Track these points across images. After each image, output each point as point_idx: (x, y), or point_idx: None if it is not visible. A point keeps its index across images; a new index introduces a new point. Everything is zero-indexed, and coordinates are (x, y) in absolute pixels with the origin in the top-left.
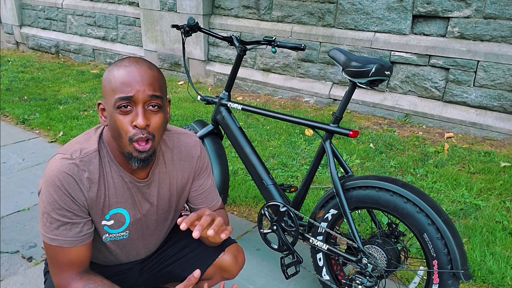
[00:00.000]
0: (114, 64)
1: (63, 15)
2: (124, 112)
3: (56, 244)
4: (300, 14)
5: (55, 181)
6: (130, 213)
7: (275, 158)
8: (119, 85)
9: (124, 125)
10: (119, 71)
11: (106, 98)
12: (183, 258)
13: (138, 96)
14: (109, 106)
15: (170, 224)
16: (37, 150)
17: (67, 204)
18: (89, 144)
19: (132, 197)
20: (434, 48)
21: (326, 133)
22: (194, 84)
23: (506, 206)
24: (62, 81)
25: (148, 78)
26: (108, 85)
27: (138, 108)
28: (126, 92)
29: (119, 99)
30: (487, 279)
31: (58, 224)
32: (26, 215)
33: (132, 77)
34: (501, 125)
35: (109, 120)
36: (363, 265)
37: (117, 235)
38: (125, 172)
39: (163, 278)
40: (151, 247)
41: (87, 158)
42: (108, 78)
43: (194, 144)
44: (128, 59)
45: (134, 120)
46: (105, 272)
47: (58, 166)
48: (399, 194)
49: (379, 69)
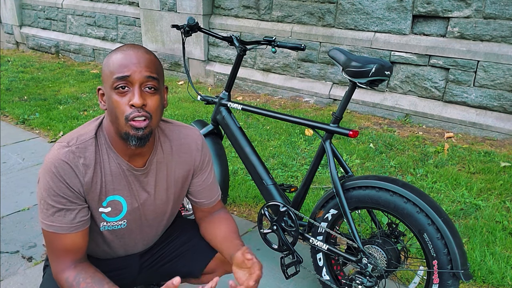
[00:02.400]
0: (113, 50)
1: (63, 15)
2: (121, 93)
3: (52, 230)
4: (300, 14)
5: (51, 168)
6: (127, 201)
7: (275, 158)
8: (116, 67)
9: (121, 105)
10: (117, 55)
11: (104, 81)
12: (183, 254)
13: (135, 76)
14: (107, 89)
15: (169, 218)
16: (37, 150)
17: (62, 190)
18: (86, 131)
19: (129, 185)
20: (434, 48)
21: (326, 133)
22: (194, 84)
23: (506, 206)
24: (62, 81)
25: (144, 60)
26: (107, 69)
27: (134, 88)
28: (122, 72)
29: (116, 79)
30: (487, 279)
31: (53, 211)
32: (26, 215)
33: (129, 59)
34: (501, 125)
35: (107, 103)
36: (363, 265)
37: (115, 223)
38: (122, 160)
39: (164, 275)
40: (149, 239)
41: (83, 145)
42: (107, 62)
43: (195, 137)
44: (126, 45)
45: (131, 100)
46: (104, 266)
47: (55, 154)
48: (399, 194)
49: (379, 69)
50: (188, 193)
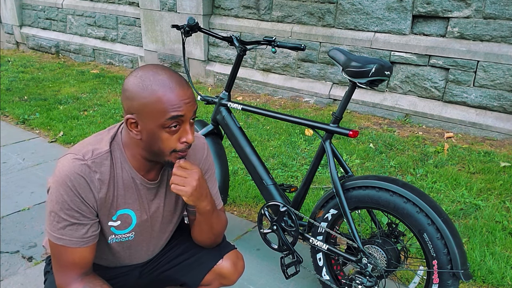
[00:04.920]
0: (156, 81)
1: (63, 15)
2: (172, 132)
3: (62, 243)
4: (300, 14)
5: (66, 181)
6: (137, 214)
7: (275, 158)
8: (169, 107)
9: (172, 142)
10: (166, 92)
11: (148, 117)
12: (182, 263)
13: (188, 115)
14: (152, 125)
15: (173, 227)
16: (37, 150)
17: (77, 205)
18: (101, 146)
19: (140, 198)
20: (434, 48)
21: (326, 133)
22: (194, 84)
23: (506, 206)
24: (62, 81)
25: (190, 94)
26: (154, 105)
27: (186, 126)
28: (177, 112)
29: (170, 119)
30: (487, 279)
31: (65, 224)
32: (26, 215)
33: (181, 96)
34: (501, 125)
35: (150, 137)
36: (363, 265)
37: (123, 236)
38: (137, 174)
39: (162, 282)
40: (154, 249)
41: (99, 159)
42: (153, 97)
43: (201, 145)
44: (169, 77)
45: (182, 137)
46: (106, 274)
47: (70, 166)
48: (399, 194)
49: (379, 69)
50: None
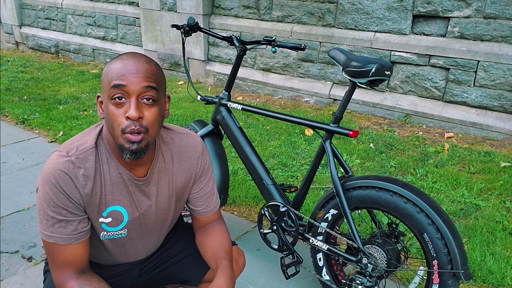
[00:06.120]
0: (113, 58)
1: (63, 15)
2: (117, 104)
3: (52, 241)
4: (300, 14)
5: (51, 178)
6: (128, 211)
7: (275, 158)
8: (114, 76)
9: (118, 116)
10: (116, 63)
11: (103, 90)
12: (183, 260)
13: (131, 87)
14: (105, 98)
15: (170, 225)
16: (37, 150)
17: (62, 201)
18: (86, 141)
19: (130, 195)
20: (434, 48)
21: (326, 133)
22: (194, 84)
23: (506, 206)
24: (62, 81)
25: (143, 70)
26: (105, 77)
27: (131, 100)
28: (119, 81)
29: (112, 88)
30: (487, 279)
31: (53, 222)
32: (26, 215)
33: (127, 68)
34: (501, 125)
35: (105, 112)
36: (363, 265)
37: (115, 233)
38: (124, 169)
39: (163, 280)
40: (150, 247)
41: (83, 155)
42: (106, 70)
43: (196, 144)
44: (126, 53)
45: (127, 111)
46: (105, 272)
47: (54, 163)
48: (399, 194)
49: (379, 69)
50: (187, 200)
